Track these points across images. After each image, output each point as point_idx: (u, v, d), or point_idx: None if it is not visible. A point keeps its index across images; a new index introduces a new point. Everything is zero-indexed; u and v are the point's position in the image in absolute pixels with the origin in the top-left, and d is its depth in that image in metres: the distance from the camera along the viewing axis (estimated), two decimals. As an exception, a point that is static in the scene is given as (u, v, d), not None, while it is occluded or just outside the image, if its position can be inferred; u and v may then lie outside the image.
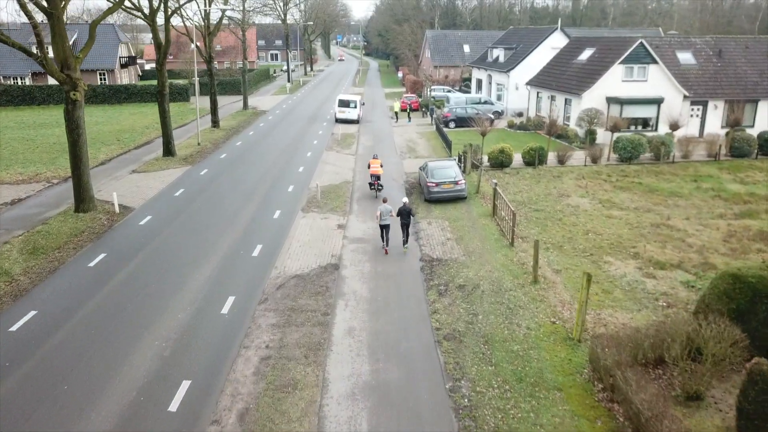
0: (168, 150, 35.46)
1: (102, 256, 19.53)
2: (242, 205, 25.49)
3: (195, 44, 43.17)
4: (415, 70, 77.74)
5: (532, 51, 51.90)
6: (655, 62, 37.33)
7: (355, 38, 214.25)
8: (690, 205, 24.85)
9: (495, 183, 23.69)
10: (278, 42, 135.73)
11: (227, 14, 53.24)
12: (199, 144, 39.40)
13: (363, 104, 53.77)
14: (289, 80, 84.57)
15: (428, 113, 51.01)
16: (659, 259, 18.87)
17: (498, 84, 55.42)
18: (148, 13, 33.85)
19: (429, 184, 25.56)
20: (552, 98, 43.07)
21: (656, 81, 37.53)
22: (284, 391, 12.24)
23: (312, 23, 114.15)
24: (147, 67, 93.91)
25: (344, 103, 49.12)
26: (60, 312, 15.64)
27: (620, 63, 37.30)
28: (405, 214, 20.25)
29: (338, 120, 48.87)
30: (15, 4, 22.39)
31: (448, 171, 25.93)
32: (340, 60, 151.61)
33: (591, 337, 13.56)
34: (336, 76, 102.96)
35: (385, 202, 20.62)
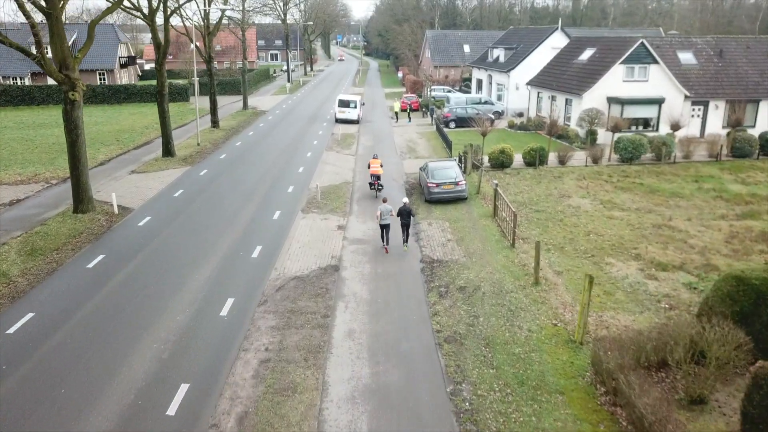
0: (167, 150, 35.35)
1: (100, 258, 19.42)
2: (242, 206, 25.38)
3: (194, 44, 43.08)
4: (415, 70, 77.66)
5: (533, 51, 51.78)
6: (656, 62, 37.22)
7: (355, 38, 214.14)
8: (691, 206, 24.74)
9: (496, 184, 23.58)
10: (278, 42, 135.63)
11: (227, 14, 53.17)
12: (199, 144, 39.29)
13: (363, 104, 53.66)
14: (289, 80, 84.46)
15: (428, 113, 50.90)
16: (661, 261, 18.76)
17: (498, 84, 55.31)
18: (148, 13, 33.74)
19: (429, 185, 25.44)
20: (552, 98, 42.97)
21: (657, 81, 37.43)
22: (284, 395, 12.13)
23: (312, 23, 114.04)
24: (147, 67, 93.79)
25: (344, 103, 49.01)
26: (58, 314, 15.52)
27: (621, 63, 37.19)
28: (405, 215, 20.16)
29: (338, 120, 48.76)
30: (13, 4, 22.29)
31: (449, 171, 25.82)
32: (340, 60, 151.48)
33: (593, 340, 13.46)
34: (336, 76, 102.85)
35: (385, 202, 20.54)
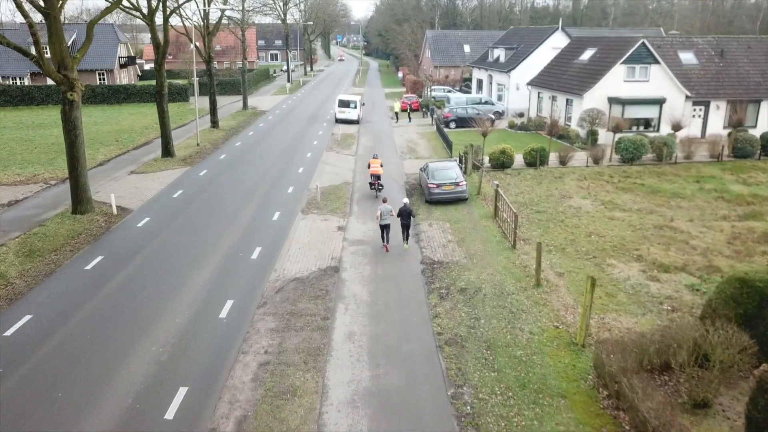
0: (167, 150, 35.24)
1: (99, 259, 19.30)
2: (241, 207, 25.26)
3: (194, 44, 42.96)
4: (416, 70, 77.52)
5: (533, 51, 51.65)
6: (657, 62, 37.09)
7: (355, 38, 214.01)
8: (693, 207, 24.62)
9: (496, 184, 23.46)
10: (278, 42, 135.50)
11: (227, 14, 53.02)
12: (199, 144, 39.17)
13: (363, 104, 53.53)
14: (289, 80, 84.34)
15: (428, 113, 50.79)
16: (663, 262, 18.64)
17: (499, 84, 55.19)
18: (147, 13, 33.63)
19: (430, 185, 25.32)
20: (553, 98, 42.85)
21: (658, 81, 37.30)
22: (283, 398, 12.01)
23: (312, 23, 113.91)
24: (146, 67, 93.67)
25: (344, 104, 48.89)
26: (56, 316, 15.40)
27: (622, 63, 37.07)
28: (405, 215, 20.08)
29: (338, 120, 48.64)
30: (11, 4, 22.18)
31: (449, 172, 25.70)
32: (340, 60, 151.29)
33: (595, 343, 13.34)
34: (336, 76, 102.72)
35: (385, 202, 20.46)
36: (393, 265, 19.08)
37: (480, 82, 61.56)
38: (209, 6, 44.50)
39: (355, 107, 48.76)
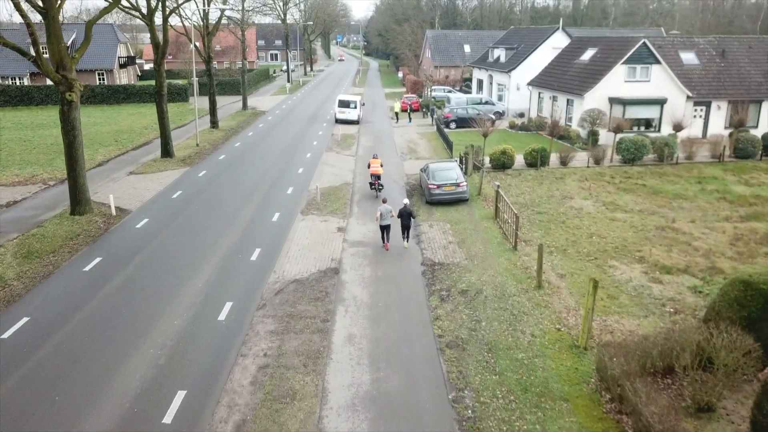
0: (166, 151, 35.11)
1: (97, 260, 19.17)
2: (241, 207, 25.13)
3: (194, 44, 42.81)
4: (416, 70, 77.35)
5: (534, 51, 51.51)
6: (658, 62, 36.96)
7: (355, 38, 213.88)
8: (695, 208, 24.50)
9: (497, 185, 23.33)
10: (278, 42, 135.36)
11: (226, 14, 52.91)
12: (198, 145, 39.04)
13: (363, 105, 53.40)
14: (289, 80, 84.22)
15: (429, 114, 50.67)
16: (665, 264, 18.52)
17: (499, 84, 55.06)
18: (146, 13, 33.51)
19: (430, 186, 25.20)
20: (554, 99, 42.72)
21: (659, 81, 37.17)
22: (282, 402, 11.88)
23: (312, 23, 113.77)
24: (146, 67, 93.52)
25: (344, 104, 48.76)
26: (53, 318, 15.27)
27: (623, 63, 36.93)
28: (406, 216, 19.98)
29: (338, 120, 48.52)
30: (9, 4, 22.06)
31: (450, 173, 25.58)
32: (340, 60, 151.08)
33: (598, 345, 13.21)
34: (336, 76, 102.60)
35: (385, 203, 20.37)
36: (393, 267, 18.96)
37: (480, 83, 61.43)
38: (209, 6, 44.38)
39: (355, 107, 48.63)
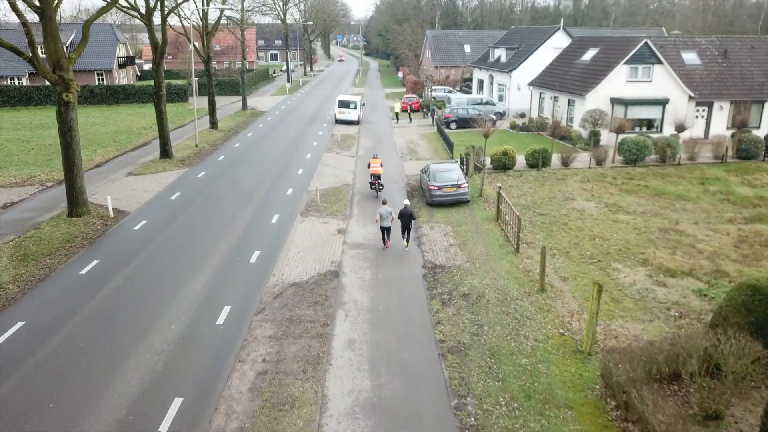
0: (165, 152, 34.88)
1: (95, 263, 18.93)
2: (240, 209, 24.90)
3: (193, 44, 42.56)
4: (416, 71, 77.05)
5: (535, 51, 51.30)
6: (660, 62, 36.73)
7: (355, 38, 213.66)
8: (698, 209, 24.26)
9: (499, 187, 23.09)
10: (278, 42, 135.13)
11: (226, 14, 52.67)
12: (197, 145, 38.80)
13: (363, 105, 53.16)
14: (289, 80, 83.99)
15: (429, 114, 50.44)
16: (669, 266, 18.28)
17: (500, 84, 54.83)
18: (145, 13, 33.28)
19: (431, 188, 24.97)
20: (555, 99, 42.48)
21: (661, 81, 36.94)
22: (281, 409, 11.64)
23: (312, 23, 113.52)
24: (146, 67, 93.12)
25: (344, 104, 48.54)
26: (49, 323, 15.03)
27: (625, 63, 36.70)
28: (406, 217, 19.80)
29: (338, 121, 48.29)
30: (5, 3, 21.83)
31: (451, 174, 25.35)
32: (340, 60, 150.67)
33: (602, 351, 12.98)
34: (336, 77, 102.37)
35: (385, 204, 20.17)
36: (394, 270, 18.72)
37: (481, 83, 61.20)
38: (208, 6, 44.14)
39: (355, 108, 48.40)
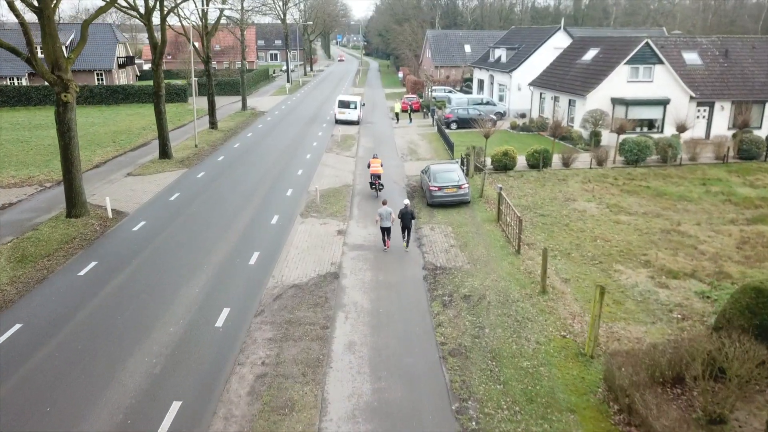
0: (164, 152, 34.76)
1: (93, 265, 18.80)
2: (239, 210, 24.77)
3: (192, 44, 42.44)
4: (416, 71, 76.93)
5: (535, 51, 51.16)
6: (661, 62, 36.61)
7: (355, 38, 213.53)
8: (700, 210, 24.14)
9: (500, 188, 22.97)
10: (278, 42, 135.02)
11: (225, 13, 52.54)
12: (197, 146, 38.68)
13: (363, 105, 53.05)
14: (289, 80, 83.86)
15: (429, 114, 50.32)
16: (671, 268, 18.15)
17: (500, 84, 54.70)
18: (144, 13, 33.18)
19: (431, 188, 24.85)
20: (555, 99, 42.36)
21: (662, 82, 36.82)
22: (281, 413, 11.52)
23: (312, 23, 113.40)
24: (145, 67, 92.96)
25: (344, 104, 48.41)
26: (47, 325, 14.91)
27: (626, 63, 36.56)
28: (407, 216, 19.72)
29: (338, 121, 48.17)
30: (2, 3, 21.70)
31: (451, 174, 25.23)
32: (340, 60, 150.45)
33: (605, 354, 12.86)
34: (336, 77, 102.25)
35: (385, 204, 20.06)
36: (394, 271, 18.60)
37: (481, 83, 61.07)
38: (207, 5, 44.01)
39: (355, 108, 48.28)
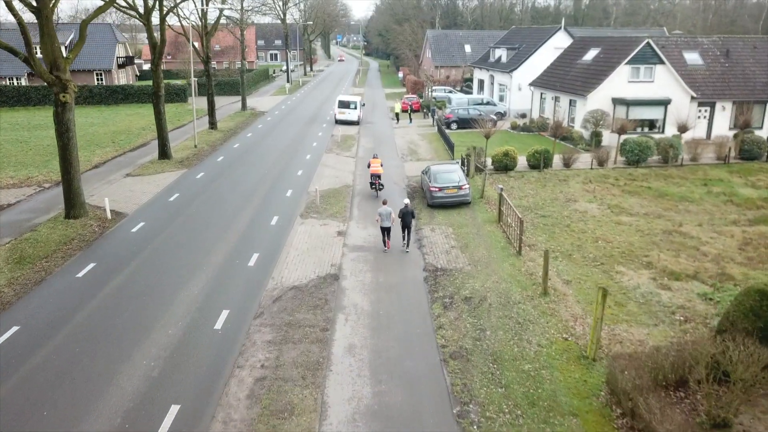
0: (164, 152, 34.64)
1: (91, 266, 18.68)
2: (239, 211, 24.66)
3: (192, 44, 42.32)
4: (416, 71, 76.82)
5: (536, 51, 51.02)
6: (662, 63, 36.48)
7: (355, 38, 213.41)
8: (702, 211, 24.02)
9: (501, 188, 22.85)
10: (278, 42, 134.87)
11: (225, 13, 52.43)
12: (196, 146, 38.55)
13: (363, 105, 52.93)
14: (289, 80, 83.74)
15: (429, 114, 50.20)
16: (674, 269, 18.04)
17: (500, 84, 54.58)
18: (143, 13, 33.06)
19: (432, 189, 24.73)
20: (556, 99, 42.24)
21: (663, 82, 36.69)
22: (280, 417, 11.40)
23: (312, 23, 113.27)
24: (145, 67, 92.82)
25: (344, 104, 48.30)
26: (44, 327, 14.79)
27: (626, 63, 36.44)
28: (407, 215, 19.64)
29: (338, 121, 48.06)
30: (0, 2, 21.58)
31: (452, 175, 25.12)
32: (340, 61, 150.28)
33: (607, 357, 12.75)
34: (336, 77, 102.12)
35: (385, 204, 19.95)
36: (395, 273, 18.48)
37: (481, 83, 60.95)
38: (207, 5, 43.89)
39: (355, 108, 48.16)
